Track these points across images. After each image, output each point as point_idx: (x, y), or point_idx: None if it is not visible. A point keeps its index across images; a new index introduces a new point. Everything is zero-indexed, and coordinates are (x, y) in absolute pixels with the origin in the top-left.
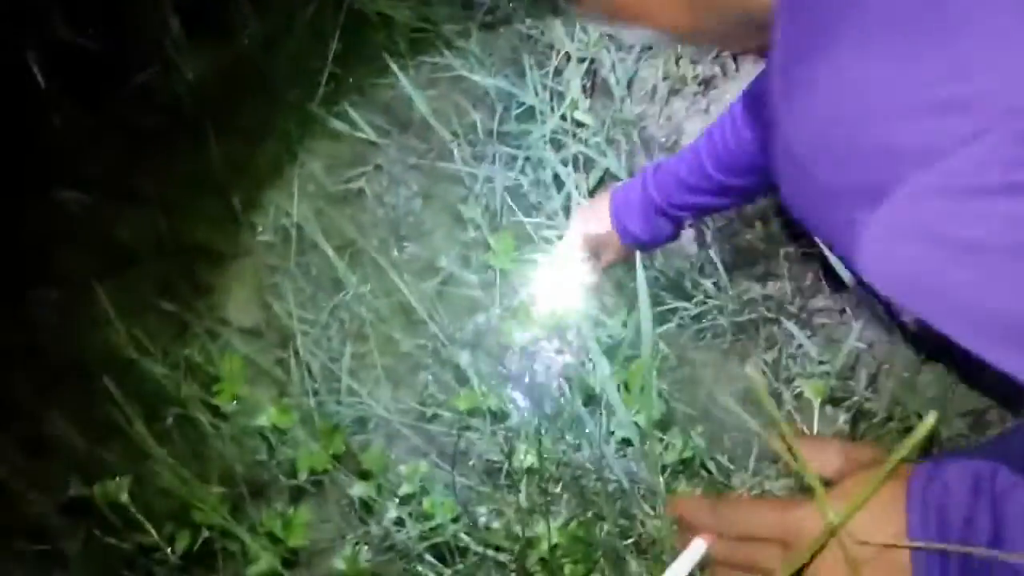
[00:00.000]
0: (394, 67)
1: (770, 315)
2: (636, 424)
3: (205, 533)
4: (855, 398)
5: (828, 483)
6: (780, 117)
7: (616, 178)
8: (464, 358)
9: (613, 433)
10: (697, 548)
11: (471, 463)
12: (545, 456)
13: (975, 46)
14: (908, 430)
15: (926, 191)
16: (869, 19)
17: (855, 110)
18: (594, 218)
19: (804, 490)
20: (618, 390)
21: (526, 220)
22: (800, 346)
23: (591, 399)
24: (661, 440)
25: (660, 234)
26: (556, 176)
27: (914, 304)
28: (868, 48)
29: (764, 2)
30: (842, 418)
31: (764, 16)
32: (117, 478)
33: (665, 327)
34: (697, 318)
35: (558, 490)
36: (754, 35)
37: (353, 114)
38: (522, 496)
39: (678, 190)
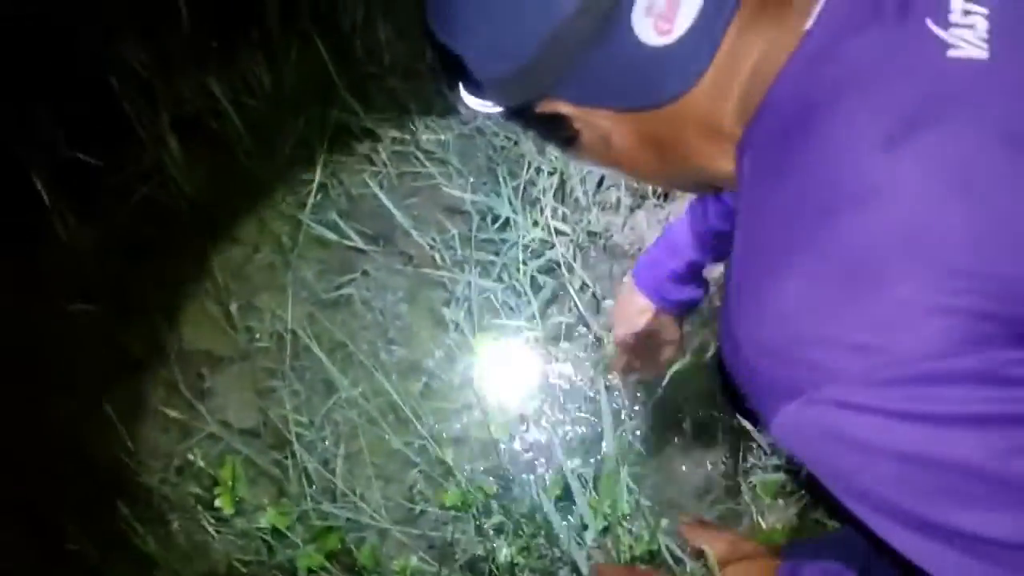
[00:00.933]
0: (372, 184)
1: (727, 408)
2: (605, 518)
3: None
4: (802, 491)
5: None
6: (733, 319)
7: (586, 284)
8: (450, 455)
9: (587, 527)
10: None
11: (457, 558)
12: (526, 549)
13: (885, 313)
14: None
15: (829, 399)
16: (812, 270)
17: (794, 332)
18: (632, 317)
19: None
20: (589, 484)
21: (506, 323)
22: (754, 439)
23: (568, 492)
24: (630, 532)
25: (701, 288)
26: (533, 279)
27: (804, 461)
28: (810, 291)
29: (723, 175)
30: (792, 510)
31: (721, 182)
32: None
33: (633, 421)
34: (659, 405)
35: None
36: (711, 190)
37: (341, 223)
38: None
39: (702, 233)
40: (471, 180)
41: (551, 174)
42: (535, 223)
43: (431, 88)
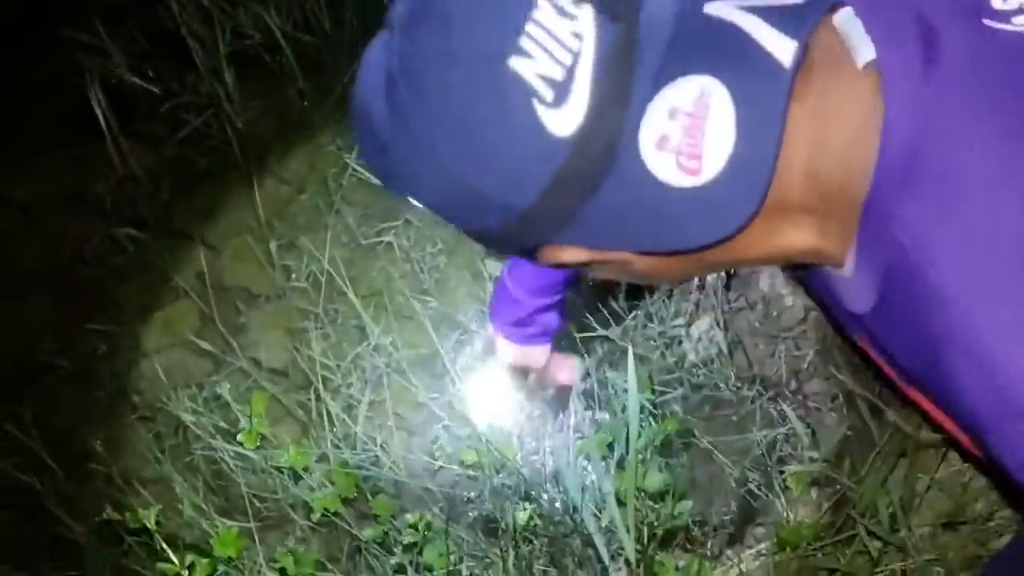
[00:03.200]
0: None
1: (767, 394)
2: (626, 492)
3: (221, 567)
4: (838, 486)
5: None
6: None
7: None
8: (476, 413)
9: (606, 501)
10: None
11: (472, 516)
12: (541, 514)
13: None
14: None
15: None
16: None
17: None
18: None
19: None
20: (613, 457)
21: None
22: (792, 428)
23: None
24: (652, 509)
25: (551, 324)
26: None
27: None
28: None
29: (794, 253)
30: (825, 504)
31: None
32: (147, 507)
33: (670, 395)
34: (697, 388)
35: (550, 548)
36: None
37: None
38: (511, 558)
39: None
40: None
41: None
42: None
43: None
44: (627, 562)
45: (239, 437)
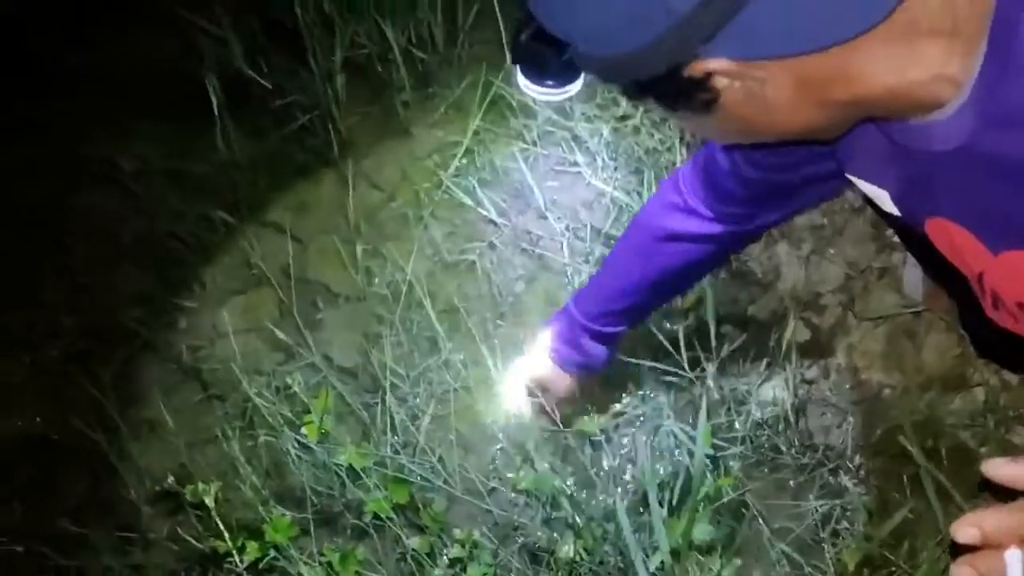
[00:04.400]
0: (519, 159)
1: (829, 464)
2: (677, 542)
3: (272, 552)
4: (893, 568)
5: None
6: None
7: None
8: (533, 443)
9: (657, 548)
10: (1016, 559)
11: (519, 542)
12: (589, 551)
13: None
14: None
15: None
16: None
17: None
18: (533, 358)
19: None
20: (666, 504)
21: None
22: (851, 502)
23: (646, 506)
24: (698, 562)
25: (593, 355)
26: None
27: None
28: None
29: (932, 83)
30: None
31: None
32: (207, 482)
33: (728, 451)
34: (758, 449)
35: None
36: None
37: (479, 190)
38: None
39: (598, 291)
40: (616, 176)
41: None
42: None
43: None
44: None
45: (303, 429)
